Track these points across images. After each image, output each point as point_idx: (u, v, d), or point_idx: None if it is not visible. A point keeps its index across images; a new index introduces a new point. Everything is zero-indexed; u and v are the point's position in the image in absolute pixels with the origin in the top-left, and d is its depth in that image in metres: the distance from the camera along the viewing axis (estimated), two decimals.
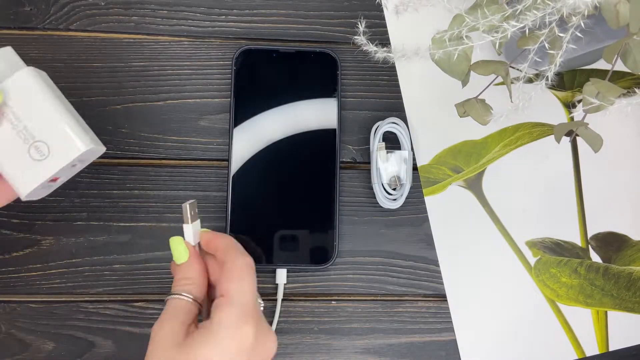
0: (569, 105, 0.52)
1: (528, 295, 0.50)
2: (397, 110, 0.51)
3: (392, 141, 0.50)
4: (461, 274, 0.50)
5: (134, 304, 0.48)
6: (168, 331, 0.34)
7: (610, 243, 0.51)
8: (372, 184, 0.49)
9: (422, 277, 0.49)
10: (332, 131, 0.49)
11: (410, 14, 0.41)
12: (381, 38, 0.51)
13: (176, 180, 0.49)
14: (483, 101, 0.39)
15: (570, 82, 0.52)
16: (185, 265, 0.38)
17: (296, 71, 0.49)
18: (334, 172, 0.48)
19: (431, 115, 0.51)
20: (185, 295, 0.36)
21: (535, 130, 0.51)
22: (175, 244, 0.38)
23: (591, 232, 0.51)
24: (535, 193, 0.51)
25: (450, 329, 0.49)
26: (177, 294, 0.36)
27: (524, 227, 0.50)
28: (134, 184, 0.48)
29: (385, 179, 0.49)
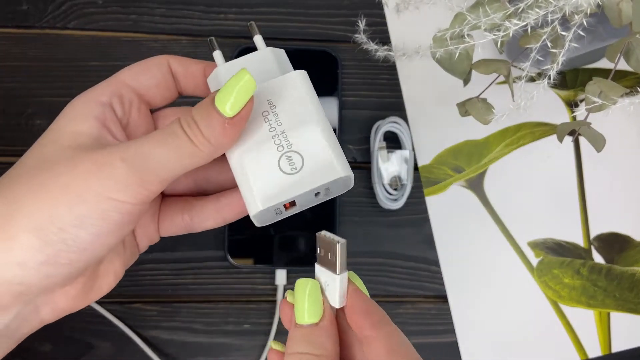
0: (572, 105, 0.51)
1: (530, 296, 0.49)
2: (398, 109, 0.50)
3: (393, 141, 0.49)
4: (462, 275, 0.49)
5: (132, 306, 0.47)
6: None
7: (612, 244, 0.50)
8: (373, 184, 0.48)
9: (423, 278, 0.49)
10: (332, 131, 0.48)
11: (411, 12, 0.41)
12: (382, 37, 0.51)
13: None
14: (485, 100, 0.38)
15: (572, 81, 0.51)
16: (312, 329, 0.25)
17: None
18: None
19: (432, 115, 0.50)
20: None
21: (537, 130, 0.51)
22: (300, 290, 0.26)
23: (594, 233, 0.50)
24: (537, 193, 0.51)
25: (452, 331, 0.49)
26: None
27: (526, 228, 0.50)
28: None
29: (386, 179, 0.48)
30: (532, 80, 0.37)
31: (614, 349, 0.50)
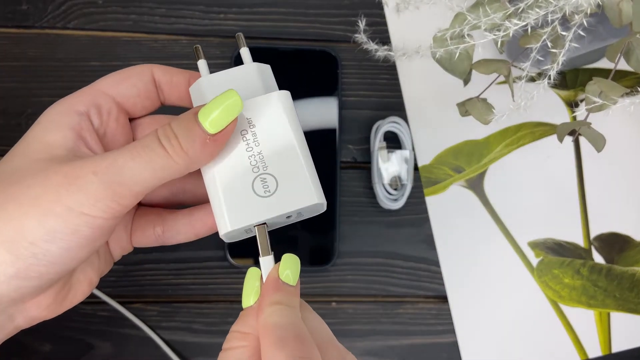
0: (572, 105, 0.51)
1: (530, 296, 0.49)
2: (398, 109, 0.50)
3: (393, 141, 0.49)
4: (462, 275, 0.49)
5: (132, 306, 0.47)
6: None
7: (613, 244, 0.50)
8: (373, 183, 0.48)
9: (423, 278, 0.49)
10: (333, 130, 0.49)
11: (411, 12, 0.41)
12: (382, 36, 0.50)
13: None
14: (485, 100, 0.38)
15: (572, 81, 0.51)
16: (246, 311, 0.27)
17: (296, 70, 0.49)
18: (334, 172, 0.48)
19: (432, 115, 0.50)
20: None
21: (537, 130, 0.51)
22: (249, 278, 0.28)
23: (594, 233, 0.50)
24: (537, 193, 0.51)
25: (452, 331, 0.49)
26: None
27: (526, 228, 0.50)
28: None
29: (386, 178, 0.48)
30: (532, 80, 0.37)
31: (614, 349, 0.50)
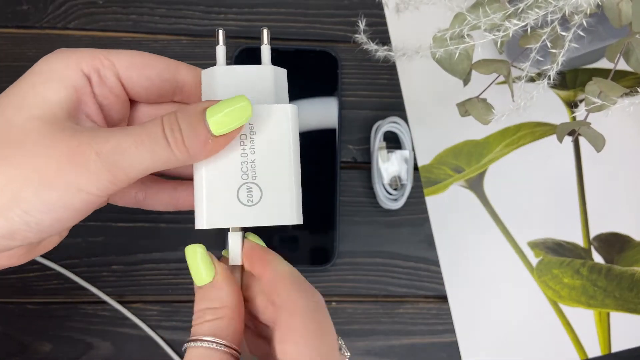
0: (571, 105, 0.51)
1: (530, 296, 0.49)
2: (398, 109, 0.50)
3: (393, 141, 0.49)
4: (462, 275, 0.49)
5: (132, 305, 0.47)
6: None
7: (612, 244, 0.50)
8: (373, 183, 0.48)
9: (423, 278, 0.49)
10: (333, 131, 0.49)
11: (411, 12, 0.41)
12: (382, 37, 0.50)
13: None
14: (484, 100, 0.38)
15: (572, 81, 0.51)
16: (208, 288, 0.27)
17: (296, 70, 0.49)
18: (334, 172, 0.48)
19: (432, 115, 0.50)
20: (211, 340, 0.25)
21: (537, 130, 0.51)
22: (190, 256, 0.27)
23: (594, 233, 0.50)
24: (537, 193, 0.51)
25: (452, 331, 0.49)
26: (198, 339, 0.25)
27: (526, 228, 0.50)
28: None
29: (386, 178, 0.48)
30: (532, 80, 0.37)
31: (613, 349, 0.50)
